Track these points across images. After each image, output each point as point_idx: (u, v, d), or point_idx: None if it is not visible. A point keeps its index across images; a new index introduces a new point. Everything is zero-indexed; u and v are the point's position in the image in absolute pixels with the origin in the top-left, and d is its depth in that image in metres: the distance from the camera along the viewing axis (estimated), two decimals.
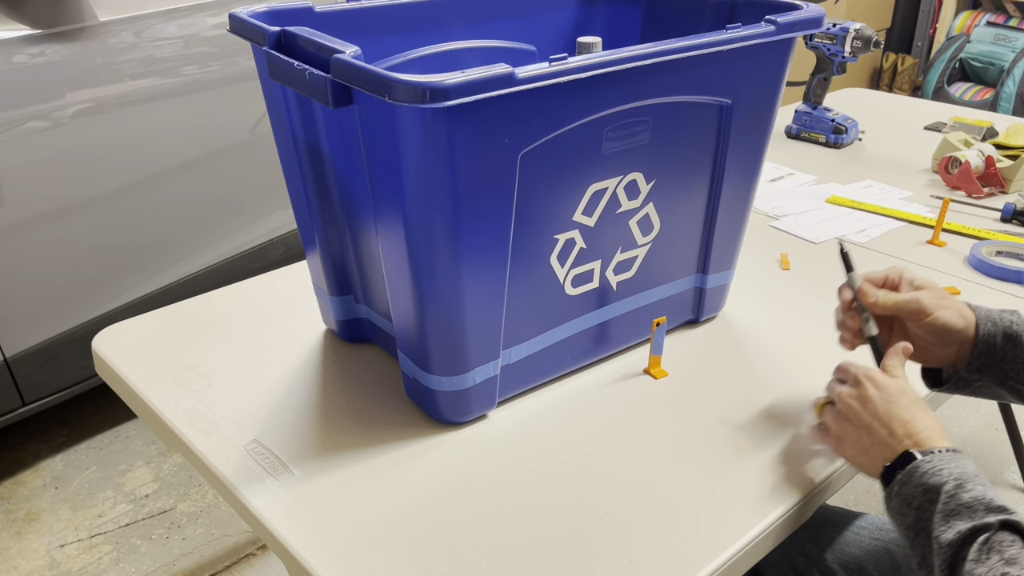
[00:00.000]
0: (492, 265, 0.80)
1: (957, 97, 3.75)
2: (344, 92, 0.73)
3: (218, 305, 1.12)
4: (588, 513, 0.77)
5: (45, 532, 1.76)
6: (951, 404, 2.16)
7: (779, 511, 0.77)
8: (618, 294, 0.96)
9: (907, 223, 1.36)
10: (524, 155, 0.77)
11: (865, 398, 0.73)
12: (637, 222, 0.92)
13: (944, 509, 0.59)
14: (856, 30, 1.59)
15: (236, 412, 0.90)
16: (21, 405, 1.79)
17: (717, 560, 0.72)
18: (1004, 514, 0.57)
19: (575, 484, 0.81)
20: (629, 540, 0.74)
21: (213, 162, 2.01)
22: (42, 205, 1.71)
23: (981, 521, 0.57)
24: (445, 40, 1.03)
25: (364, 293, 0.97)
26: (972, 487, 0.60)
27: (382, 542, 0.74)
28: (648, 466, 0.83)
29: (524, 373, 0.91)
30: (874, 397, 0.72)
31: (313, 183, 0.90)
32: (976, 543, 0.56)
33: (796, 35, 0.91)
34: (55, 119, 1.70)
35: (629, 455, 0.84)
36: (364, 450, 0.85)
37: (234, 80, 2.01)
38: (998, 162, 1.47)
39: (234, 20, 0.88)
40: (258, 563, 1.70)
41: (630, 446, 0.86)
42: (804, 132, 1.73)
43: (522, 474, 0.82)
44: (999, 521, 0.57)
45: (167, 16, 1.88)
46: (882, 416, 0.71)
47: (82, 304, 1.84)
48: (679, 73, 0.85)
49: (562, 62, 0.72)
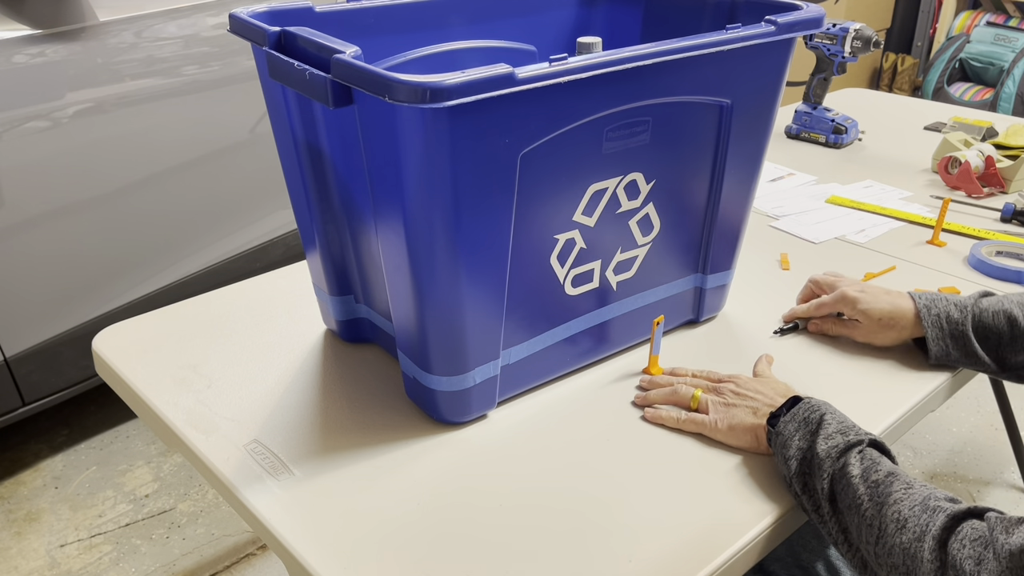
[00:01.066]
0: (492, 265, 0.80)
1: (957, 97, 3.75)
2: (344, 92, 0.73)
3: (218, 305, 1.12)
4: (588, 513, 0.77)
5: (45, 532, 1.76)
6: (951, 404, 2.16)
7: (781, 509, 0.77)
8: (618, 294, 0.96)
9: (907, 223, 1.36)
10: (524, 155, 0.77)
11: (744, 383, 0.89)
12: (637, 222, 0.92)
13: (826, 432, 0.76)
14: (856, 30, 1.59)
15: (236, 412, 0.90)
16: (21, 405, 1.79)
17: (719, 559, 0.72)
18: (869, 435, 0.75)
19: (575, 484, 0.81)
20: (629, 540, 0.74)
21: (213, 162, 2.01)
22: (42, 205, 1.71)
23: (855, 438, 0.75)
24: (445, 40, 1.03)
25: (364, 293, 0.97)
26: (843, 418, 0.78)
27: (382, 542, 0.74)
28: (648, 466, 0.83)
29: (524, 373, 0.91)
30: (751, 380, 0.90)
31: (313, 183, 0.90)
32: (852, 453, 0.73)
33: (796, 35, 0.91)
34: (55, 119, 1.70)
35: (629, 455, 0.84)
36: (364, 450, 0.85)
37: (234, 80, 2.01)
38: (998, 162, 1.47)
39: (234, 20, 0.88)
40: (258, 563, 1.71)
41: (630, 446, 0.86)
42: (804, 132, 1.73)
43: (522, 474, 0.82)
44: (868, 439, 0.75)
45: (167, 16, 1.88)
46: (763, 386, 0.87)
47: (82, 304, 1.84)
48: (679, 73, 0.85)
49: (562, 62, 0.72)
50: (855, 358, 1.00)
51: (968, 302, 0.95)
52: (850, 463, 0.73)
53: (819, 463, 0.74)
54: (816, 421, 0.77)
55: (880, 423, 0.89)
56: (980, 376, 1.04)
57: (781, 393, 0.85)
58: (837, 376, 0.97)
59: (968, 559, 0.62)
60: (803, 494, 0.76)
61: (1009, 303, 0.93)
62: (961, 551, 0.63)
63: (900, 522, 0.67)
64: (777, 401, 0.84)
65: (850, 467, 0.72)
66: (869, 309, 0.97)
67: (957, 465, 1.98)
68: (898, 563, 0.67)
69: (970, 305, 0.94)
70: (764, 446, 0.83)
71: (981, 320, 0.93)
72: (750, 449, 0.84)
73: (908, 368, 0.98)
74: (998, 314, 0.92)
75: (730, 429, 0.84)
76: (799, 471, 0.76)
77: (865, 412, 0.90)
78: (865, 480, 0.71)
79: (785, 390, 0.87)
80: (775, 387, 0.87)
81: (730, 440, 0.85)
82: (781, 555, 0.94)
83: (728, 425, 0.85)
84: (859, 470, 0.72)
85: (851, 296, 0.99)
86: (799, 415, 0.79)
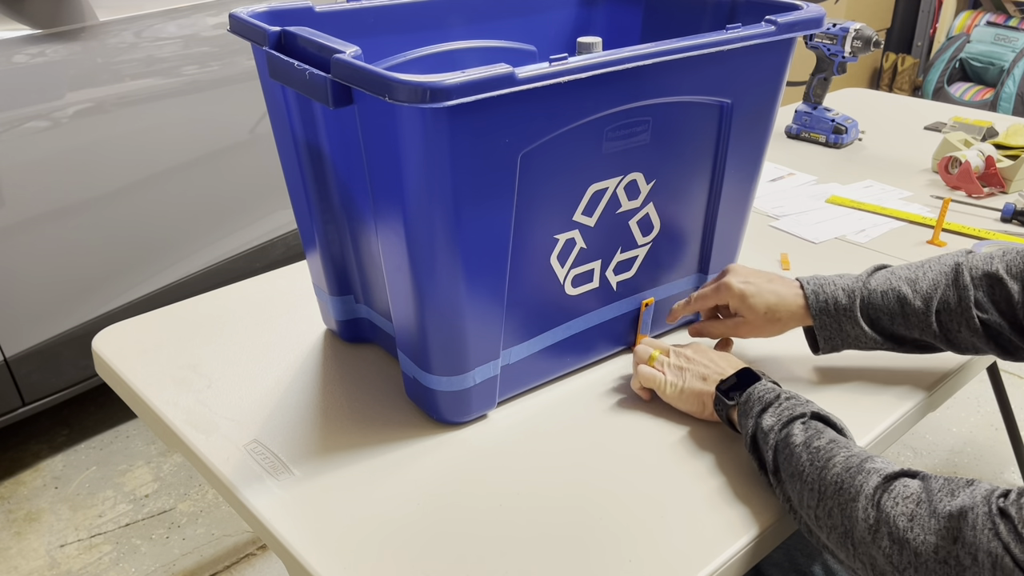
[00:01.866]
0: (492, 265, 0.80)
1: (957, 97, 3.75)
2: (344, 92, 0.73)
3: (218, 305, 1.12)
4: (588, 513, 0.77)
5: (45, 532, 1.76)
6: (951, 404, 2.16)
7: (777, 512, 0.77)
8: (618, 294, 0.96)
9: (907, 223, 1.36)
10: (524, 155, 0.77)
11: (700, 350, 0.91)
12: (637, 222, 0.92)
13: (779, 406, 0.78)
14: (856, 30, 1.59)
15: (236, 412, 0.90)
16: (21, 405, 1.79)
17: (718, 559, 0.72)
18: (814, 409, 0.78)
19: (575, 484, 0.81)
20: (629, 540, 0.74)
21: (213, 162, 2.01)
22: (42, 205, 1.71)
23: (801, 411, 0.77)
24: (445, 40, 1.03)
25: (364, 293, 0.97)
26: (791, 394, 0.80)
27: (382, 542, 0.74)
28: (648, 466, 0.83)
29: (524, 373, 0.91)
30: (709, 351, 0.91)
31: (313, 183, 0.90)
32: (796, 423, 0.76)
33: (796, 35, 0.91)
34: (55, 119, 1.70)
35: (629, 455, 0.84)
36: (364, 450, 0.85)
37: (234, 80, 2.01)
38: (998, 162, 1.46)
39: (234, 20, 0.88)
40: (258, 563, 1.71)
41: (630, 446, 0.86)
42: (804, 132, 1.73)
43: (522, 474, 0.82)
44: (811, 412, 0.77)
45: (167, 16, 1.88)
46: (719, 357, 0.89)
47: (82, 304, 1.84)
48: (679, 73, 0.85)
49: (562, 62, 0.72)
50: (854, 358, 0.99)
51: (855, 285, 0.90)
52: (793, 432, 0.75)
53: (763, 435, 0.77)
54: (768, 400, 0.79)
55: (880, 423, 0.89)
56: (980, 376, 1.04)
57: (733, 365, 0.87)
58: (837, 376, 0.97)
59: (901, 516, 0.64)
60: (760, 469, 0.79)
61: (898, 280, 0.89)
62: (895, 508, 0.65)
63: (838, 484, 0.69)
64: (727, 371, 0.86)
65: (793, 436, 0.75)
66: (754, 303, 0.91)
67: (957, 465, 1.98)
68: (837, 524, 0.69)
69: (858, 288, 0.90)
70: (709, 411, 0.86)
71: (871, 301, 0.89)
72: (695, 414, 0.88)
73: (908, 368, 0.98)
74: (887, 293, 0.89)
75: (680, 392, 0.87)
76: (752, 447, 0.79)
77: (865, 412, 0.90)
78: (807, 447, 0.73)
79: (738, 363, 0.88)
80: (729, 360, 0.89)
81: (678, 403, 0.88)
82: (778, 560, 0.94)
83: (679, 387, 0.88)
84: (802, 439, 0.74)
85: (736, 289, 0.92)
86: (754, 395, 0.81)
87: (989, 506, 0.61)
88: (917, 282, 0.89)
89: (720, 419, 0.85)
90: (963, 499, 0.63)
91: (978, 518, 0.61)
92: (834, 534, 0.69)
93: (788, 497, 0.74)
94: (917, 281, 0.89)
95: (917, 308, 0.88)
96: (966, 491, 0.63)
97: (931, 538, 0.62)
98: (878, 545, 0.65)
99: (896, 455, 2.00)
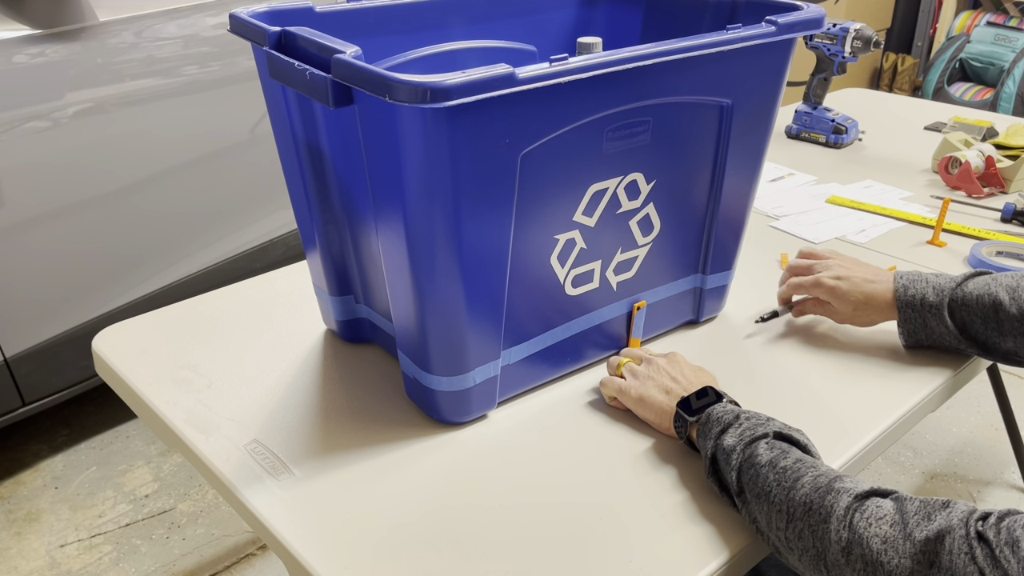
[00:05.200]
0: (492, 265, 0.80)
1: (957, 97, 3.75)
2: (344, 92, 0.73)
3: (218, 305, 1.12)
4: (588, 513, 0.77)
5: (45, 532, 1.76)
6: (951, 404, 2.16)
7: None
8: (618, 294, 0.96)
9: (907, 223, 1.36)
10: (524, 155, 0.77)
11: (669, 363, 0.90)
12: (637, 222, 0.92)
13: (739, 426, 0.77)
14: (856, 30, 1.59)
15: (236, 412, 0.90)
16: (21, 405, 1.79)
17: (717, 560, 0.72)
18: (777, 428, 0.77)
19: (575, 484, 0.81)
20: (629, 540, 0.74)
21: (213, 162, 2.01)
22: (42, 205, 1.71)
23: (763, 431, 0.76)
24: (445, 40, 1.03)
25: (364, 293, 0.97)
26: (752, 413, 0.79)
27: (382, 542, 0.74)
28: (648, 466, 0.83)
29: (524, 373, 0.91)
30: (679, 364, 0.90)
31: (313, 183, 0.90)
32: (760, 443, 0.74)
33: (796, 35, 0.91)
34: (55, 119, 1.70)
35: (629, 455, 0.84)
36: (364, 450, 0.85)
37: (234, 80, 2.01)
38: (998, 162, 1.46)
39: (234, 20, 0.88)
40: (258, 563, 1.71)
41: (630, 446, 0.86)
42: (804, 132, 1.73)
43: (522, 474, 0.82)
44: (774, 431, 0.76)
45: (167, 16, 1.88)
46: (688, 372, 0.89)
47: (82, 304, 1.84)
48: (679, 73, 0.85)
49: (563, 62, 0.72)
50: (854, 358, 0.99)
51: (949, 285, 0.93)
52: (758, 452, 0.74)
53: (725, 456, 0.76)
54: (728, 421, 0.78)
55: (880, 423, 0.89)
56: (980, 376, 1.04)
57: (703, 382, 0.86)
58: (836, 376, 0.97)
59: (875, 537, 0.63)
60: (721, 492, 0.77)
61: (997, 286, 0.90)
62: (867, 529, 0.64)
63: (807, 505, 0.68)
64: (692, 388, 0.85)
65: (758, 456, 0.73)
66: (846, 299, 0.97)
67: (957, 465, 1.98)
68: (808, 546, 0.68)
69: (949, 288, 0.92)
70: (667, 425, 0.85)
71: (964, 302, 0.90)
72: (654, 425, 0.87)
73: (908, 368, 0.98)
74: (982, 297, 0.89)
75: (640, 399, 0.87)
76: (711, 469, 0.78)
77: (865, 412, 0.90)
78: (773, 467, 0.72)
79: (708, 380, 0.87)
80: (700, 375, 0.88)
81: (638, 410, 0.88)
82: (778, 561, 0.94)
83: (639, 395, 0.87)
84: (767, 458, 0.73)
85: (827, 285, 0.98)
86: (713, 416, 0.79)
87: (967, 529, 0.60)
88: (1017, 290, 0.88)
89: (679, 437, 0.84)
90: (940, 522, 0.61)
91: (955, 542, 0.60)
92: (806, 556, 0.68)
93: (755, 519, 0.73)
94: (1017, 289, 0.88)
95: (1012, 315, 0.87)
96: (942, 514, 0.62)
97: (906, 562, 0.61)
98: (852, 567, 0.64)
99: (896, 455, 2.00)
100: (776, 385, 0.95)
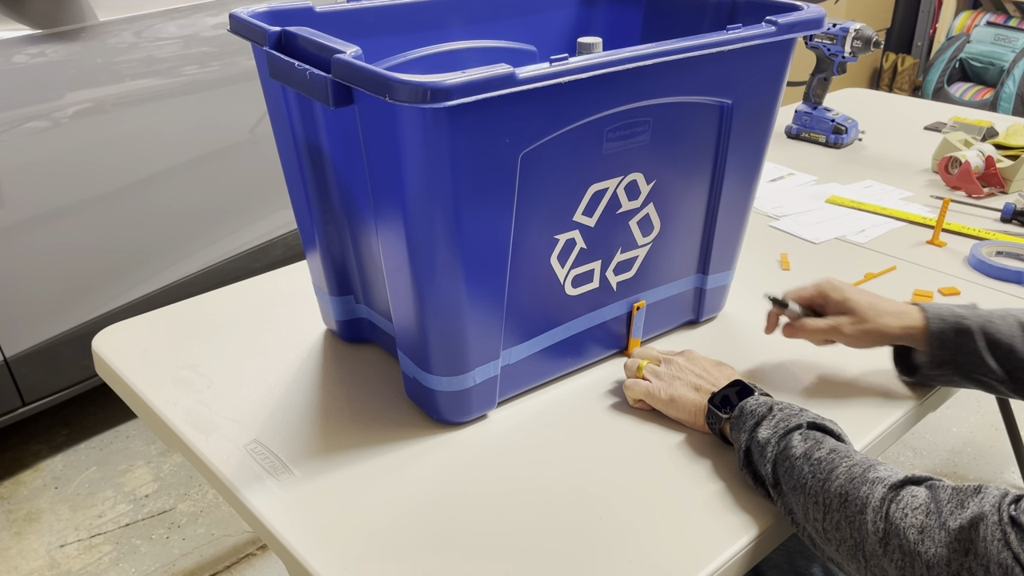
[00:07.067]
0: (492, 265, 0.80)
1: (957, 97, 3.75)
2: (345, 92, 0.73)
3: (218, 305, 1.12)
4: (588, 513, 0.77)
5: (45, 532, 1.76)
6: (951, 404, 2.16)
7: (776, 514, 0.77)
8: (618, 294, 0.96)
9: (907, 223, 1.36)
10: (525, 155, 0.77)
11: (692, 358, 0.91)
12: (637, 222, 0.92)
13: (773, 418, 0.78)
14: (856, 30, 1.59)
15: (236, 412, 0.90)
16: (21, 405, 1.79)
17: (717, 560, 0.72)
18: (810, 418, 0.77)
19: (575, 484, 0.81)
20: (629, 540, 0.74)
21: (213, 162, 2.01)
22: (42, 205, 1.71)
23: (796, 422, 0.76)
24: (445, 40, 1.03)
25: (364, 293, 0.97)
26: (785, 404, 0.80)
27: (382, 542, 0.74)
28: (648, 466, 0.83)
29: (524, 373, 0.91)
30: (701, 359, 0.90)
31: (313, 183, 0.90)
32: (794, 435, 0.75)
33: (796, 36, 0.91)
34: (55, 119, 1.70)
35: (629, 455, 0.84)
36: (364, 450, 0.85)
37: (234, 80, 2.01)
38: (998, 162, 1.46)
39: (234, 20, 0.88)
40: (258, 563, 1.70)
41: (630, 446, 0.86)
42: (804, 132, 1.73)
43: (522, 474, 0.82)
44: (807, 421, 0.76)
45: (167, 16, 1.88)
46: (712, 367, 0.89)
47: (82, 304, 1.84)
48: (680, 73, 0.85)
49: (563, 62, 0.72)
50: (854, 358, 0.99)
51: (971, 311, 0.88)
52: (792, 444, 0.74)
53: (760, 448, 0.76)
54: (762, 414, 0.78)
55: (880, 423, 0.89)
56: None
57: (727, 376, 0.87)
58: (837, 377, 0.97)
59: (911, 528, 0.64)
60: (755, 484, 0.78)
61: (1019, 311, 0.87)
62: (904, 520, 0.65)
63: (843, 496, 0.69)
64: (720, 382, 0.86)
65: (792, 448, 0.74)
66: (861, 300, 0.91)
67: (957, 465, 1.98)
68: (846, 536, 0.68)
69: (973, 313, 0.88)
70: (701, 423, 0.85)
71: (991, 319, 0.86)
72: (687, 423, 0.87)
73: None
74: (1006, 317, 0.86)
75: (670, 400, 0.87)
76: (745, 462, 0.78)
77: (865, 412, 0.90)
78: (808, 458, 0.72)
79: (731, 373, 0.88)
80: (722, 370, 0.89)
81: (668, 410, 0.88)
82: (777, 561, 0.94)
83: (669, 396, 0.87)
84: (801, 450, 0.73)
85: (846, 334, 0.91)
86: (746, 409, 0.80)
87: (1000, 515, 0.61)
88: None
89: (712, 432, 0.85)
90: (973, 509, 0.62)
91: (988, 528, 0.61)
92: (843, 547, 0.68)
93: (791, 510, 0.74)
94: None
95: None
96: (975, 500, 0.63)
97: (942, 551, 0.62)
98: (890, 557, 0.65)
99: (896, 455, 2.00)
100: (776, 385, 0.95)
